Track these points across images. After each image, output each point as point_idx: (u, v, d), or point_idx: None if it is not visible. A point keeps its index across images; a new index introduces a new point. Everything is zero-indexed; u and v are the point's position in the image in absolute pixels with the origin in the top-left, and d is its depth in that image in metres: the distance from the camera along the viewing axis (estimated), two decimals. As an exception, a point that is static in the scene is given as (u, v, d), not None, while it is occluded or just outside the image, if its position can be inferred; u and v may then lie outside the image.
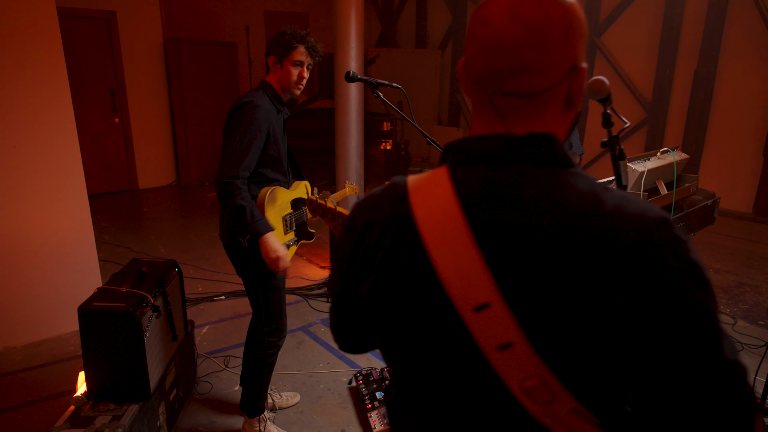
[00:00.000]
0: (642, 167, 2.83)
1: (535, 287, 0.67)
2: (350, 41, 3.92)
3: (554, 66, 0.73)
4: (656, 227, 0.66)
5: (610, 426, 0.74)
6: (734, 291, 4.33)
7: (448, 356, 0.76)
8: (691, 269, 0.66)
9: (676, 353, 0.66)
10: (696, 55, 6.74)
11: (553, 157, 0.73)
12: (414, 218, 0.75)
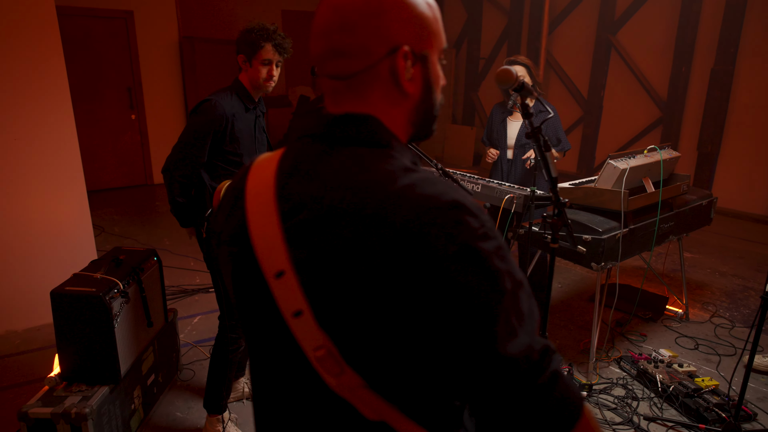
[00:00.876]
0: (624, 165, 2.78)
1: (317, 259, 0.69)
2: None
3: (364, 48, 0.75)
4: (437, 209, 0.66)
5: (411, 407, 0.73)
6: (738, 295, 4.20)
7: (262, 321, 0.79)
8: (469, 255, 0.64)
9: (445, 342, 0.66)
10: (713, 53, 6.55)
11: (364, 136, 0.75)
12: (245, 189, 0.79)
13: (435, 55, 0.81)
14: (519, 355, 0.65)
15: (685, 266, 4.85)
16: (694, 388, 2.72)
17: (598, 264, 2.71)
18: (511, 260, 0.69)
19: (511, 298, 0.66)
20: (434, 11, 0.81)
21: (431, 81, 0.81)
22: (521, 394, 0.65)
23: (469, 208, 0.68)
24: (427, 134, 0.87)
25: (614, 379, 2.98)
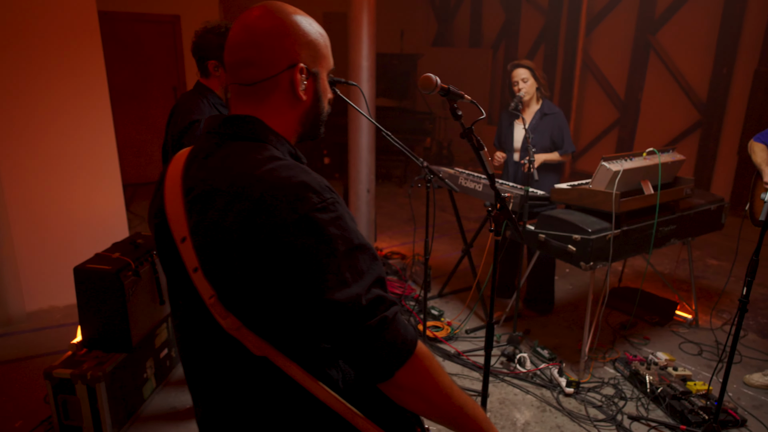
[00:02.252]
0: (618, 167, 2.82)
1: (202, 226, 0.91)
2: (362, 40, 4.13)
3: (270, 62, 0.97)
4: (285, 187, 0.86)
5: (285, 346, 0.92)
6: (758, 304, 4.08)
7: (177, 277, 0.99)
8: (306, 223, 0.84)
9: (289, 291, 0.85)
10: (757, 53, 6.30)
11: (245, 133, 0.97)
12: (166, 175, 1.01)
13: (324, 73, 1.06)
14: (346, 300, 0.84)
15: (709, 273, 4.75)
16: (683, 390, 2.73)
17: (587, 263, 2.76)
18: (349, 228, 0.88)
19: (345, 257, 0.86)
20: (325, 39, 1.05)
21: (320, 93, 1.06)
22: (351, 334, 0.85)
23: (313, 187, 0.88)
24: (316, 135, 1.11)
25: (606, 379, 3.02)
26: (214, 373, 1.00)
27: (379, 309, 0.87)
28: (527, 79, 3.44)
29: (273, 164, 0.90)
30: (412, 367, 0.90)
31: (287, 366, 0.92)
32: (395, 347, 0.88)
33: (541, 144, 3.50)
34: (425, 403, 0.93)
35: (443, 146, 8.73)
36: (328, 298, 0.83)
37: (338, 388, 0.98)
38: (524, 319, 3.75)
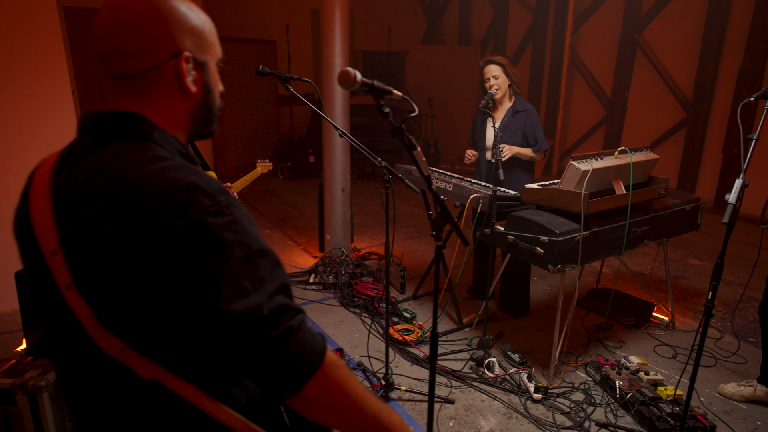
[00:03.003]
0: (587, 166, 2.73)
1: (75, 237, 0.80)
2: (335, 37, 4.04)
3: (148, 50, 0.87)
4: (172, 191, 0.76)
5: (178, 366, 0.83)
6: (738, 305, 4.01)
7: (48, 296, 0.88)
8: (196, 228, 0.75)
9: (181, 305, 0.76)
10: (741, 51, 6.23)
11: (125, 131, 0.86)
12: (32, 181, 0.90)
13: (212, 62, 0.96)
14: (245, 311, 0.75)
15: (690, 273, 4.68)
16: (652, 396, 2.65)
17: (555, 266, 2.68)
18: (247, 233, 0.80)
19: (243, 264, 0.77)
20: (211, 26, 0.95)
21: (210, 84, 0.96)
22: (253, 348, 0.77)
23: (205, 189, 0.78)
24: (209, 132, 1.00)
25: (576, 384, 2.94)
26: (97, 402, 0.90)
27: (283, 318, 0.79)
28: (499, 75, 3.35)
29: (158, 165, 0.80)
30: (321, 379, 0.83)
31: (182, 388, 0.84)
32: (302, 359, 0.80)
33: (513, 142, 3.42)
34: (337, 415, 0.87)
35: (430, 144, 8.64)
36: (224, 311, 0.75)
37: (241, 407, 0.90)
38: (499, 322, 3.67)
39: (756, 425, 2.67)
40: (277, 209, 6.52)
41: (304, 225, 5.84)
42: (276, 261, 0.83)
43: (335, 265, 4.27)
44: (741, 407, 2.80)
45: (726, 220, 1.97)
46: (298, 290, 4.16)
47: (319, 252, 4.84)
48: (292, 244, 5.24)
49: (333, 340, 3.41)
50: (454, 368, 3.08)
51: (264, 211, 6.39)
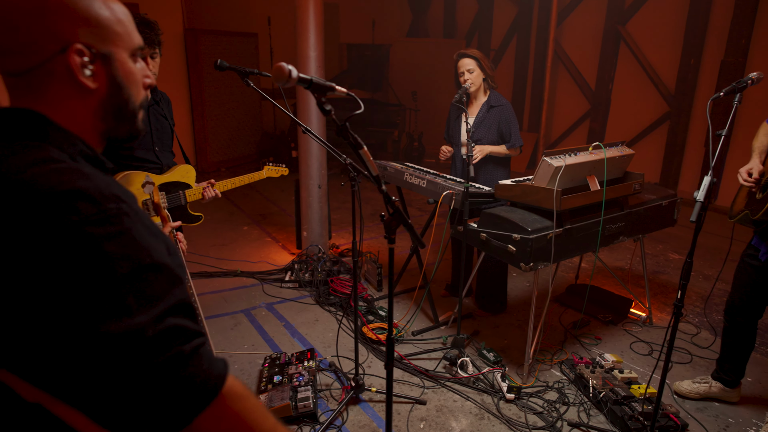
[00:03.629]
0: (560, 162, 2.68)
1: None
2: (309, 29, 3.95)
3: (32, 46, 0.79)
4: (50, 195, 0.69)
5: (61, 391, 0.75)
6: (714, 300, 4.00)
7: None
8: (76, 240, 0.67)
9: (55, 325, 0.68)
10: (723, 44, 6.21)
11: (21, 130, 0.79)
12: None
13: (123, 53, 0.87)
14: (123, 332, 0.67)
15: (669, 268, 4.67)
16: (625, 395, 2.62)
17: (527, 264, 2.63)
18: (138, 245, 0.72)
19: (129, 280, 0.69)
20: (116, 12, 0.85)
21: (121, 78, 0.87)
22: (134, 373, 0.69)
23: (91, 195, 0.71)
24: (131, 131, 0.92)
25: (550, 383, 2.90)
26: None
27: (175, 342, 0.71)
28: (473, 69, 3.29)
29: (41, 168, 0.73)
30: (218, 411, 0.75)
31: (67, 415, 0.76)
32: (194, 387, 0.72)
33: (488, 138, 3.36)
34: None
35: (414, 138, 8.57)
36: (101, 331, 0.67)
37: None
38: (476, 320, 3.63)
39: (728, 422, 2.65)
40: (257, 205, 6.43)
41: (283, 221, 5.76)
42: (173, 277, 0.75)
43: (312, 262, 4.20)
44: (715, 405, 2.78)
45: (694, 218, 1.93)
46: (273, 288, 4.09)
47: (297, 249, 4.77)
48: (270, 241, 5.16)
49: (306, 340, 3.34)
50: (427, 368, 3.03)
51: (244, 207, 6.29)
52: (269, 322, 3.57)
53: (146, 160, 2.50)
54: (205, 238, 5.15)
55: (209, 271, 4.35)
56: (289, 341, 3.33)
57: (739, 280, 2.62)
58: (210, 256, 4.71)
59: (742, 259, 2.62)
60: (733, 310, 2.67)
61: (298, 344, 3.29)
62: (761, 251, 2.47)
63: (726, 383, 2.76)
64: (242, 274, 4.31)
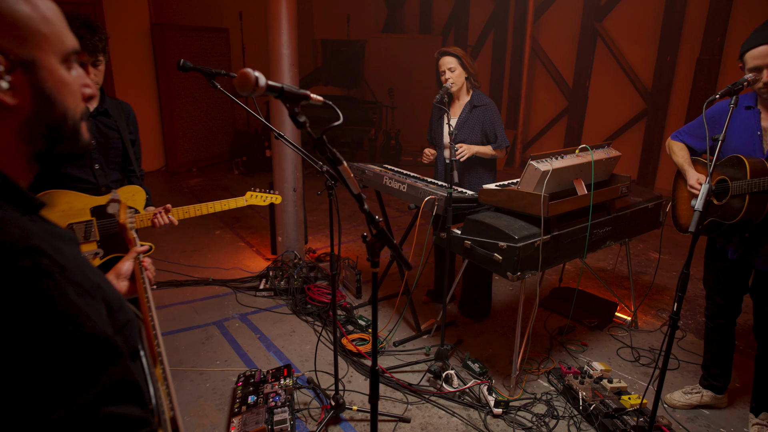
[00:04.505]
0: (546, 166, 2.57)
1: None
2: (281, 26, 3.75)
3: None
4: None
5: None
6: (698, 301, 3.97)
7: None
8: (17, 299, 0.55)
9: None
10: (699, 42, 6.22)
11: None
12: None
13: (51, 58, 0.70)
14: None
15: (651, 268, 4.63)
16: (616, 407, 2.52)
17: (514, 274, 2.51)
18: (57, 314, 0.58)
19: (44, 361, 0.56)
20: (39, 9, 0.69)
21: (50, 90, 0.70)
22: None
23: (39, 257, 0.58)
24: (72, 150, 0.76)
25: (539, 395, 2.80)
26: None
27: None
28: (455, 68, 3.15)
29: None
30: None
31: None
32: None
33: (472, 139, 3.23)
34: None
35: (391, 136, 8.42)
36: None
37: None
38: (459, 327, 3.51)
39: (720, 432, 2.58)
40: (231, 207, 6.19)
41: (258, 224, 5.55)
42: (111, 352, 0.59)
43: (287, 269, 4.02)
44: (704, 413, 2.71)
45: (693, 228, 1.82)
46: (247, 297, 3.89)
47: (272, 255, 4.58)
48: (244, 246, 4.95)
49: (283, 354, 3.17)
50: (411, 381, 2.89)
51: (216, 210, 6.05)
52: (243, 334, 3.38)
53: (79, 179, 2.19)
54: (175, 243, 4.92)
55: (179, 279, 4.13)
56: (264, 355, 3.15)
57: (713, 284, 2.59)
58: (180, 263, 4.49)
59: (710, 264, 2.58)
60: (714, 314, 2.62)
61: (274, 359, 3.12)
62: (729, 251, 2.42)
63: (716, 389, 2.71)
64: (214, 283, 4.11)
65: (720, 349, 2.66)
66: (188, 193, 6.74)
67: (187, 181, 7.33)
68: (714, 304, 2.61)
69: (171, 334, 3.34)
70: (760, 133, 2.24)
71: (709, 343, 2.70)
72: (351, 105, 7.93)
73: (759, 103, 2.27)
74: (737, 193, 2.23)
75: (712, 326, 2.65)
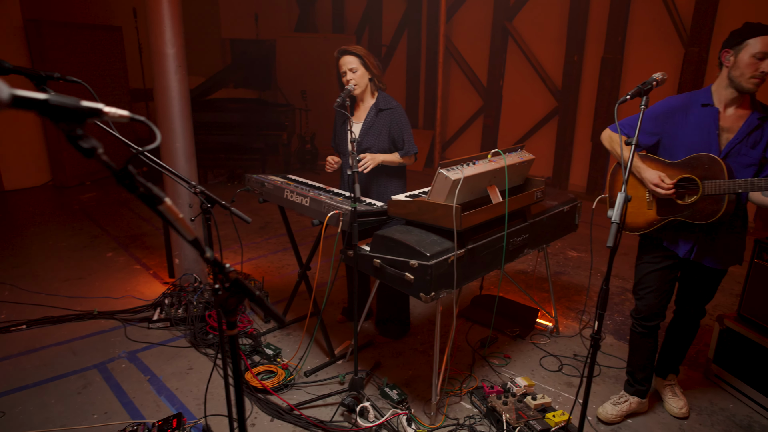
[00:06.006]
0: (457, 174, 2.36)
1: None
2: (164, 23, 3.31)
3: None
4: None
5: None
6: (614, 299, 3.97)
7: None
8: None
9: None
10: (602, 41, 6.39)
11: None
12: None
13: None
14: None
15: (569, 267, 4.62)
16: (541, 429, 2.36)
17: (427, 294, 2.28)
18: None
19: None
20: None
21: None
22: None
23: None
24: None
25: (461, 420, 2.59)
26: None
27: None
28: (356, 68, 2.89)
29: None
30: None
31: None
32: None
33: (379, 145, 2.98)
34: None
35: (306, 140, 8.05)
36: None
37: None
38: (377, 348, 3.25)
39: (643, 442, 2.50)
40: (128, 224, 5.58)
41: (157, 243, 5.01)
42: None
43: (186, 295, 3.58)
44: (628, 422, 2.62)
45: (610, 243, 1.66)
46: (139, 331, 3.41)
47: (170, 278, 4.10)
48: (139, 269, 4.42)
49: (176, 398, 2.76)
50: (323, 417, 2.59)
51: (111, 228, 5.42)
52: (130, 377, 2.93)
53: None
54: (56, 271, 4.30)
55: (56, 315, 3.56)
56: (153, 402, 2.72)
57: (651, 286, 2.45)
58: (60, 294, 3.90)
59: (647, 266, 2.46)
60: (646, 317, 2.50)
61: (166, 405, 2.70)
62: (681, 251, 2.32)
63: (641, 394, 2.63)
64: (100, 316, 3.58)
65: (647, 354, 2.58)
66: (78, 210, 6.02)
67: (79, 197, 6.57)
68: (647, 307, 2.48)
69: (38, 386, 2.82)
70: (717, 132, 2.17)
71: (636, 348, 2.60)
72: (262, 108, 7.49)
73: (717, 101, 2.20)
74: (712, 193, 2.12)
75: (642, 330, 2.54)
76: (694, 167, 2.18)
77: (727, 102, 2.18)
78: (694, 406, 2.73)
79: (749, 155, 2.14)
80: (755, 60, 2.04)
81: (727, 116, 2.19)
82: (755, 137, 2.14)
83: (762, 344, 2.62)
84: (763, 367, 2.64)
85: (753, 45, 2.03)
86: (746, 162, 2.15)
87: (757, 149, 2.14)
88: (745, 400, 2.74)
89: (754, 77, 2.06)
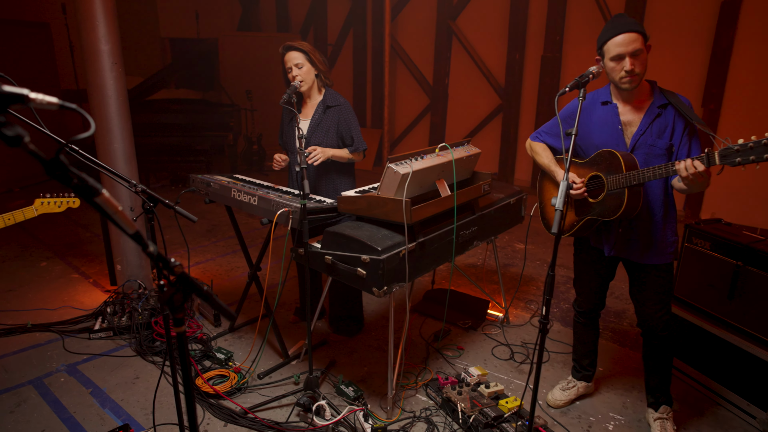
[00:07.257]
0: (406, 168, 2.38)
1: None
2: (97, 17, 3.16)
3: None
4: None
5: None
6: (560, 288, 4.12)
7: None
8: None
9: None
10: (542, 40, 6.61)
11: None
12: None
13: None
14: None
15: (517, 259, 4.75)
16: (495, 416, 2.41)
17: (380, 289, 2.28)
18: None
19: None
20: None
21: None
22: None
23: None
24: None
25: (418, 412, 2.62)
26: None
27: None
28: (302, 64, 2.86)
29: None
30: None
31: None
32: None
33: (327, 142, 2.96)
34: None
35: (252, 141, 7.90)
36: None
37: None
38: (331, 347, 3.22)
39: (590, 421, 2.60)
40: (63, 232, 5.29)
41: (97, 250, 4.77)
42: None
43: (129, 302, 3.43)
44: (576, 404, 2.73)
45: (555, 229, 1.71)
46: (78, 342, 3.24)
47: (112, 286, 3.92)
48: (78, 278, 4.19)
49: (122, 409, 2.63)
50: (279, 419, 2.55)
51: (44, 237, 5.12)
52: (70, 391, 2.77)
53: None
54: (-18, 284, 4.02)
55: (-15, 330, 3.33)
56: (97, 415, 2.59)
57: (586, 283, 2.56)
58: (-11, 308, 3.65)
59: (582, 264, 2.56)
60: (587, 310, 2.61)
61: (110, 418, 2.58)
62: (606, 249, 2.40)
63: (588, 379, 2.74)
64: (34, 329, 3.37)
65: (590, 341, 2.69)
66: (7, 218, 5.64)
67: (7, 204, 6.15)
68: (587, 301, 2.59)
69: (-33, 406, 2.63)
70: (620, 127, 2.20)
71: (579, 337, 2.71)
72: (206, 109, 7.28)
73: (615, 97, 2.23)
74: (614, 188, 2.12)
75: (584, 321, 2.64)
76: (599, 164, 2.19)
77: (624, 98, 2.20)
78: (635, 384, 2.87)
79: (657, 145, 2.14)
80: (616, 63, 2.07)
81: (627, 110, 2.20)
82: (659, 126, 2.14)
83: (693, 322, 2.79)
84: (695, 344, 2.80)
85: (609, 50, 2.07)
86: (656, 152, 2.15)
87: (663, 138, 2.14)
88: (681, 376, 2.90)
89: (622, 78, 2.08)
